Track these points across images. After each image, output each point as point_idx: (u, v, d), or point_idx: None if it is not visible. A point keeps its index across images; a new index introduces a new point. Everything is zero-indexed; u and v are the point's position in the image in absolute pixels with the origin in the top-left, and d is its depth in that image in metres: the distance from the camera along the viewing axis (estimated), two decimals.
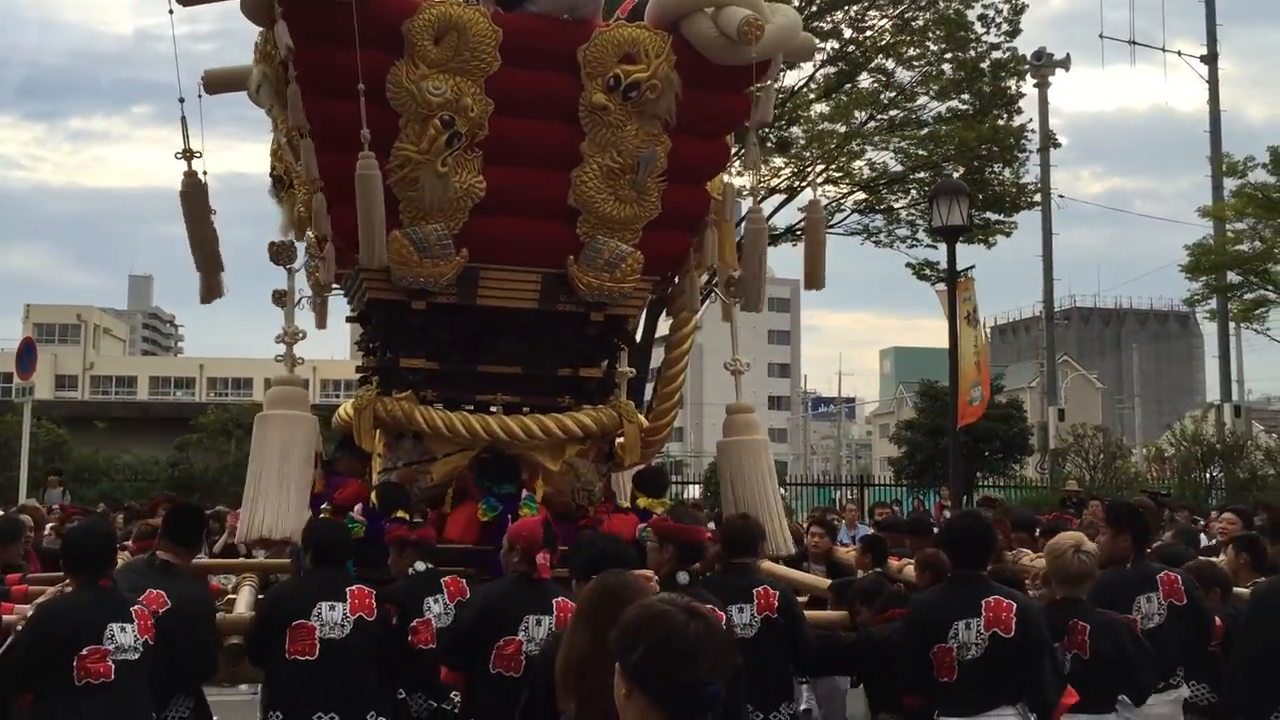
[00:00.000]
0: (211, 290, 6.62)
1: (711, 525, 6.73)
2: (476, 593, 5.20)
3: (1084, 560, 5.28)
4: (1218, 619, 5.82)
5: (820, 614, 6.28)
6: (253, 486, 5.79)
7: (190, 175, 6.14)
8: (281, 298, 6.35)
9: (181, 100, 5.91)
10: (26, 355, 16.71)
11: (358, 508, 6.03)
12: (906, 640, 5.03)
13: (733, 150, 6.58)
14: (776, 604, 5.22)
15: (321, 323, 7.83)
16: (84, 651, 4.53)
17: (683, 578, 4.89)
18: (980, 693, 4.81)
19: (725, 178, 6.62)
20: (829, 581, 6.89)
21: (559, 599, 4.91)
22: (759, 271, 6.24)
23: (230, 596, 6.08)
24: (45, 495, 15.82)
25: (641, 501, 6.51)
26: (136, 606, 4.82)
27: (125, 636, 4.64)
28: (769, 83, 6.18)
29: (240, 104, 7.06)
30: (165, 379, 72.24)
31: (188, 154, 6.05)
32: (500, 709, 4.52)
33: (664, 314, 7.93)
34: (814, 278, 6.57)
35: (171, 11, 5.79)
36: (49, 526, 10.09)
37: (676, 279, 6.88)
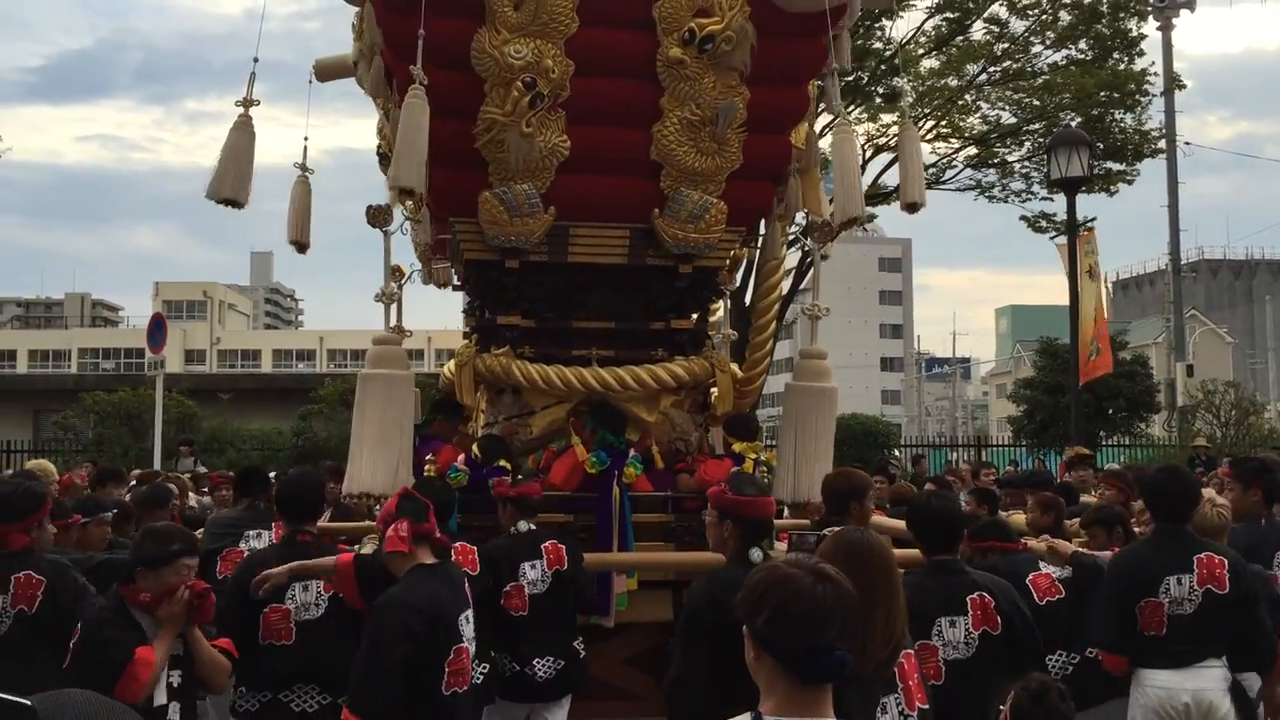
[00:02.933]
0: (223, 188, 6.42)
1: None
2: (397, 605, 4.06)
3: (1221, 514, 5.32)
4: None
5: (903, 552, 6.27)
6: (355, 444, 6.02)
7: (244, 118, 6.33)
8: (393, 273, 6.65)
9: (256, 60, 6.17)
10: (157, 331, 17.42)
11: (460, 458, 6.26)
12: (1111, 592, 5.00)
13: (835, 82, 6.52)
14: None
15: (435, 279, 8.08)
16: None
17: (756, 555, 4.12)
18: (1192, 645, 4.85)
19: (808, 125, 6.65)
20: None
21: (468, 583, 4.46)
22: (851, 179, 6.10)
23: None
24: (177, 464, 16.55)
25: (736, 447, 6.61)
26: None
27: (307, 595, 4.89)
28: (846, 28, 6.20)
29: (350, 82, 7.35)
30: (287, 351, 74.62)
31: (246, 102, 6.29)
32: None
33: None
34: (911, 192, 6.37)
35: None
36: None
37: (763, 229, 6.96)
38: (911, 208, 6.41)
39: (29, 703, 1.96)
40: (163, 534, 4.38)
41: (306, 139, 6.85)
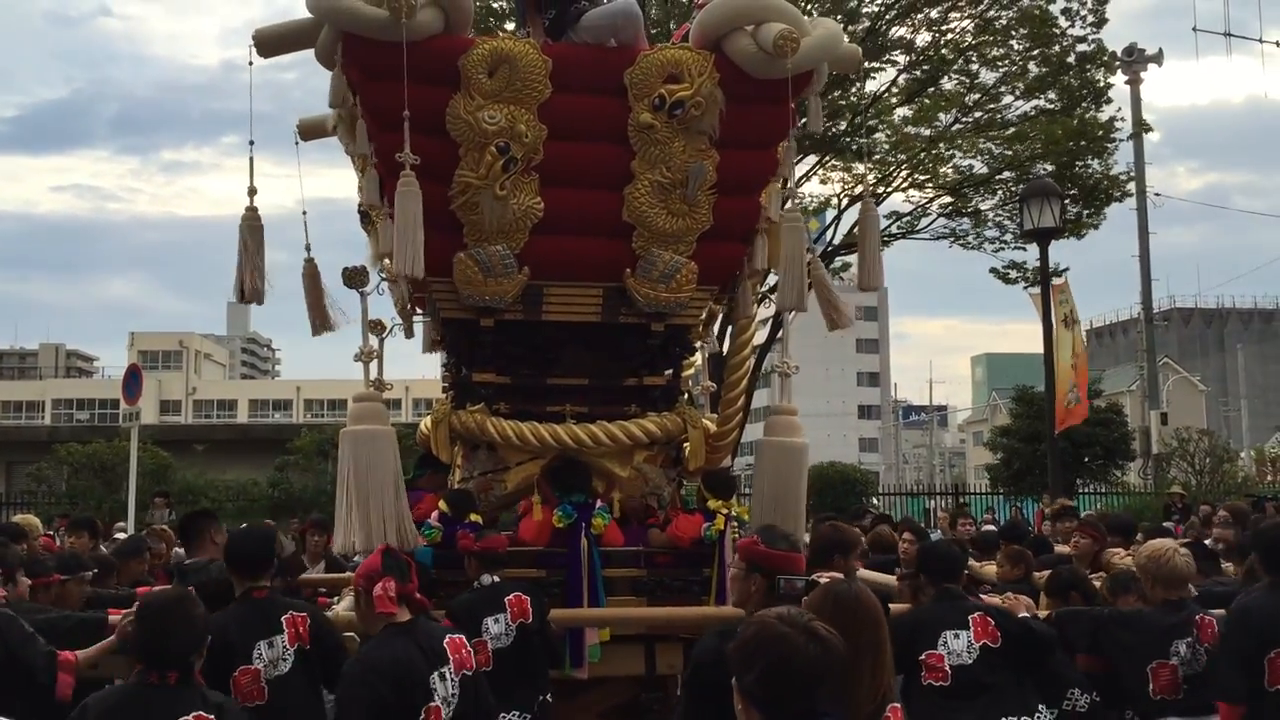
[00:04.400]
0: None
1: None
2: (364, 671, 4.17)
3: (1188, 563, 5.42)
4: None
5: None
6: (341, 503, 6.02)
7: (251, 211, 6.41)
8: (374, 328, 6.75)
9: (251, 143, 6.22)
10: (132, 382, 17.35)
11: (434, 514, 6.34)
12: (1236, 645, 5.07)
13: (791, 160, 6.71)
14: None
15: (410, 333, 8.17)
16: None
17: None
18: None
19: (777, 185, 6.79)
20: (894, 578, 7.02)
21: (450, 638, 4.44)
22: (796, 271, 6.30)
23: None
24: (151, 516, 16.42)
25: (710, 504, 6.70)
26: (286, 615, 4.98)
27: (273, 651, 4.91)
28: (814, 92, 6.36)
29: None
30: (264, 401, 74.35)
31: (251, 191, 6.39)
32: None
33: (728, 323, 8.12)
34: (868, 278, 6.69)
35: (251, 63, 6.17)
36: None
37: (734, 288, 7.09)
38: (869, 289, 6.82)
39: None
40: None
41: (305, 213, 6.81)
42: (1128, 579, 6.00)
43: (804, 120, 6.52)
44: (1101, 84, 22.88)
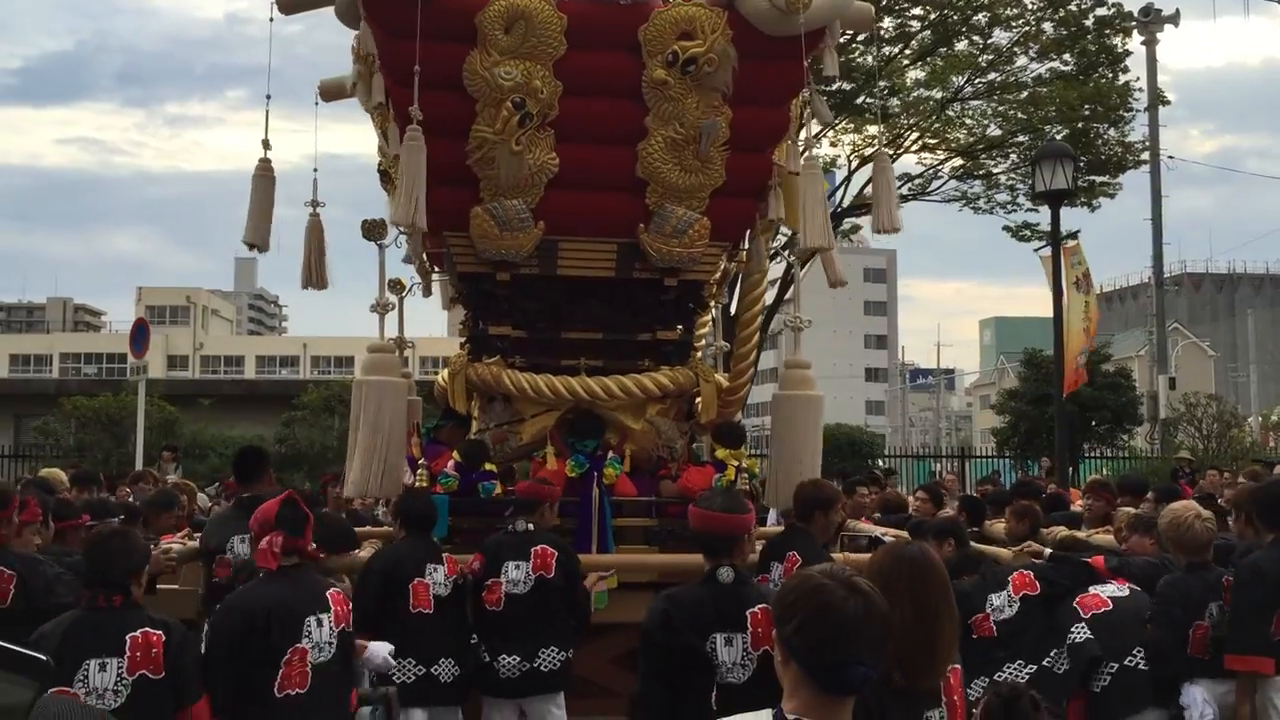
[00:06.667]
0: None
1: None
2: (225, 608, 4.33)
3: (1208, 528, 5.47)
4: None
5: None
6: (351, 449, 6.20)
7: (265, 163, 6.54)
8: (394, 287, 6.84)
9: (269, 97, 6.30)
10: (139, 336, 17.33)
11: (450, 464, 6.48)
12: (1253, 598, 5.20)
13: (801, 115, 6.76)
14: None
15: (428, 291, 8.27)
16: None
17: (725, 574, 4.02)
18: None
19: (790, 141, 6.83)
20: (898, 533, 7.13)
21: (334, 591, 4.45)
22: (819, 213, 6.35)
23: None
24: (159, 470, 16.55)
25: (720, 453, 6.82)
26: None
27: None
28: (828, 50, 6.40)
29: None
30: (271, 357, 74.50)
31: (265, 143, 6.48)
32: None
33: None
34: (886, 222, 6.75)
35: (272, 19, 6.24)
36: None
37: (746, 243, 7.18)
38: (884, 232, 6.87)
39: (44, 658, 2.16)
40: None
41: (316, 170, 6.94)
42: (1149, 521, 6.10)
43: (821, 67, 6.54)
44: (1120, 50, 22.68)
